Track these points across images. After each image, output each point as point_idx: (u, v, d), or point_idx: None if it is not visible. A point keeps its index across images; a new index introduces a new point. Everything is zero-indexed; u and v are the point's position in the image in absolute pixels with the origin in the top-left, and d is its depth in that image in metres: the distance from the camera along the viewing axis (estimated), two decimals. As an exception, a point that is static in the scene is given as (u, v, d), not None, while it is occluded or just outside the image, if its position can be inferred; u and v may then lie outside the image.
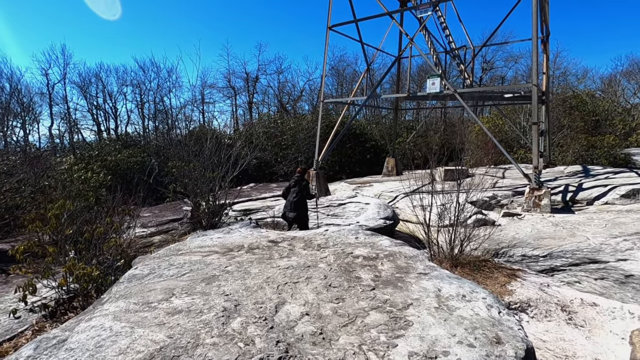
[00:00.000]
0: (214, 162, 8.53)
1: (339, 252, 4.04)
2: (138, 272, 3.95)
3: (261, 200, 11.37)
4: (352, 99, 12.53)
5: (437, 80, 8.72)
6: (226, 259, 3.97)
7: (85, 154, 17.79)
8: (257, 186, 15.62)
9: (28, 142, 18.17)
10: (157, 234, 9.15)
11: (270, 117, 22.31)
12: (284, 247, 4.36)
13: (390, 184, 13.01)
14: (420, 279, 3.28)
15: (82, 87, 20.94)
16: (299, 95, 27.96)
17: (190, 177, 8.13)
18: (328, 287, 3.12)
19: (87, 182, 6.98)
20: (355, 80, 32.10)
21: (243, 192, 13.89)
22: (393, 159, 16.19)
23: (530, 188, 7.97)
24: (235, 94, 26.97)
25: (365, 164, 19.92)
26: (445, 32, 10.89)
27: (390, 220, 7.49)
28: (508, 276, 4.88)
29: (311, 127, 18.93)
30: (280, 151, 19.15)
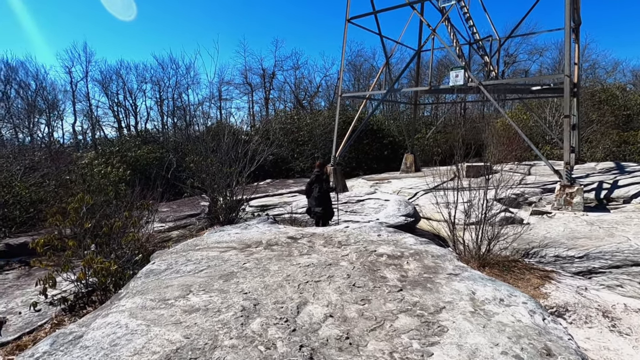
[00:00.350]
0: (231, 158, 8.46)
1: (361, 250, 3.84)
2: (155, 267, 3.87)
3: (278, 197, 11.27)
4: (370, 94, 12.23)
5: (461, 73, 8.35)
6: (244, 255, 3.84)
7: (107, 150, 18.18)
8: (273, 182, 15.55)
9: (52, 139, 18.70)
10: (175, 229, 9.18)
11: (287, 113, 22.20)
12: (303, 244, 4.20)
13: (409, 181, 12.68)
14: (451, 280, 3.05)
15: (104, 84, 21.41)
16: (315, 91, 27.78)
17: (208, 172, 8.08)
18: (352, 286, 2.93)
19: (106, 177, 7.01)
20: (372, 76, 31.63)
21: (260, 188, 13.85)
22: (412, 155, 15.81)
23: (561, 185, 7.53)
24: (252, 90, 27.03)
25: (382, 160, 19.57)
26: (468, 22, 10.43)
27: (411, 217, 7.23)
28: (541, 278, 4.57)
29: (328, 123, 18.71)
30: (297, 147, 19.02)
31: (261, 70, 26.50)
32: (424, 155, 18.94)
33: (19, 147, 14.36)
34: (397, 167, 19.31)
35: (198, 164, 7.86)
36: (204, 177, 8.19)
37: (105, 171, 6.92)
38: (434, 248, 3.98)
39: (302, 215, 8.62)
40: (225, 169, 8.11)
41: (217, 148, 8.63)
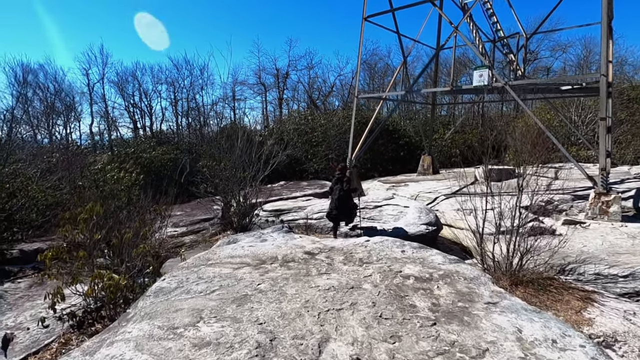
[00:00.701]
0: (245, 162, 8.25)
1: (385, 270, 3.53)
2: (165, 284, 3.66)
3: (292, 200, 11.03)
4: (387, 94, 11.84)
5: (486, 72, 7.89)
6: (258, 274, 3.58)
7: (122, 151, 18.32)
8: (287, 184, 15.34)
9: (71, 140, 18.96)
10: (188, 234, 9.04)
11: (301, 113, 21.95)
12: (321, 261, 3.91)
13: (427, 184, 12.24)
14: (490, 311, 2.70)
15: (120, 86, 21.62)
16: (329, 90, 27.43)
17: (221, 177, 7.88)
18: (378, 318, 2.62)
19: (119, 182, 6.88)
20: (387, 74, 31.08)
21: (274, 191, 13.66)
22: (429, 156, 15.32)
23: (595, 193, 7.01)
24: (266, 90, 26.89)
25: (398, 162, 19.10)
26: (492, 19, 9.92)
27: (432, 226, 6.85)
28: (582, 300, 4.16)
29: (342, 124, 18.36)
30: (311, 148, 18.74)
31: (275, 70, 26.34)
32: (441, 156, 18.39)
33: (37, 149, 14.56)
34: (414, 168, 18.81)
35: (211, 169, 7.67)
36: (217, 182, 8.00)
37: (118, 176, 6.79)
38: (465, 268, 3.63)
39: (318, 221, 8.34)
40: (239, 174, 7.90)
41: (230, 149, 8.45)
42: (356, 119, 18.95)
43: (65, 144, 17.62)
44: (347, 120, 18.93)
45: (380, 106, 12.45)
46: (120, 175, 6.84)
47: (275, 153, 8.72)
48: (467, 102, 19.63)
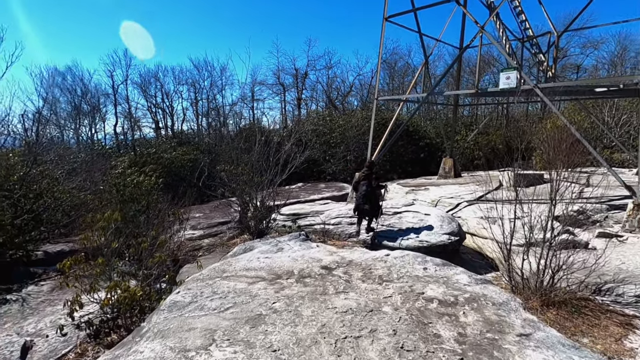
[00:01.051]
0: (262, 166, 8.18)
1: (406, 291, 3.33)
2: (180, 298, 3.60)
3: (310, 204, 10.91)
4: (407, 96, 11.52)
5: (513, 74, 7.49)
6: (274, 291, 3.46)
7: (144, 151, 18.73)
8: (305, 186, 15.25)
9: (93, 140, 19.53)
10: (206, 237, 9.08)
11: (319, 113, 21.82)
12: (339, 277, 3.75)
13: (449, 188, 11.85)
14: (524, 345, 2.47)
15: (142, 87, 22.10)
16: (348, 90, 27.17)
17: (238, 181, 7.84)
18: (399, 349, 2.44)
19: (139, 186, 6.95)
20: (407, 74, 30.50)
21: (291, 193, 13.60)
22: (451, 159, 14.87)
23: (634, 204, 6.53)
24: (284, 90, 26.89)
25: (418, 164, 18.68)
26: (520, 17, 9.43)
27: (455, 236, 6.56)
28: (622, 326, 3.83)
29: (361, 125, 18.12)
30: (329, 149, 18.58)
31: (294, 70, 26.30)
32: (463, 159, 17.84)
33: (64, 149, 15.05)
34: (434, 171, 18.34)
35: (229, 173, 7.65)
36: (234, 187, 7.97)
37: (138, 180, 6.85)
38: (493, 291, 3.39)
39: (335, 227, 8.19)
40: (256, 178, 7.84)
41: (248, 151, 8.43)
42: (375, 120, 18.69)
43: (90, 144, 18.15)
44: (366, 121, 18.65)
45: (401, 108, 12.12)
46: (140, 179, 6.89)
47: (293, 156, 8.61)
48: (490, 102, 18.96)
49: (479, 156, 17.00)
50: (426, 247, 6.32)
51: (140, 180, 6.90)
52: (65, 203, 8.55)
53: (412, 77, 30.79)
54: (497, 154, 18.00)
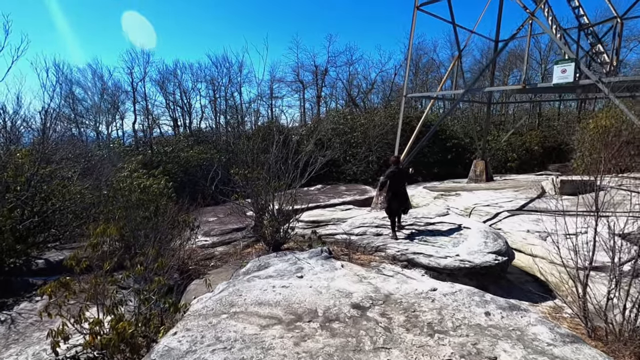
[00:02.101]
0: (280, 170, 7.45)
1: (470, 352, 2.48)
2: (175, 344, 2.88)
3: (330, 209, 10.12)
4: (439, 93, 10.52)
5: (570, 67, 6.44)
6: (293, 342, 2.69)
7: (161, 150, 18.43)
8: (324, 188, 14.47)
9: (110, 139, 19.38)
10: (219, 245, 8.46)
11: (339, 112, 20.96)
12: (375, 322, 2.94)
13: (483, 195, 10.79)
14: None
15: (161, 84, 21.85)
16: (370, 87, 26.15)
17: (254, 187, 7.14)
18: None
19: (146, 190, 6.35)
20: (432, 70, 29.18)
21: (310, 196, 12.85)
22: (482, 161, 13.74)
23: None
24: (304, 87, 26.15)
25: (444, 165, 17.58)
26: (573, 2, 8.27)
27: (502, 255, 5.62)
28: None
29: (384, 123, 17.16)
30: (350, 149, 17.72)
31: (313, 67, 25.51)
32: (494, 161, 16.61)
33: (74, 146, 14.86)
34: (462, 173, 17.19)
35: (242, 177, 6.96)
36: (249, 192, 7.27)
37: (145, 184, 6.26)
38: (590, 355, 2.49)
39: (360, 238, 7.37)
40: (273, 183, 7.11)
41: (265, 151, 7.73)
42: (399, 119, 17.68)
43: (106, 142, 17.99)
44: (390, 120, 17.68)
45: (431, 105, 11.12)
46: (147, 183, 6.29)
47: (314, 158, 7.84)
48: (524, 101, 17.55)
49: (513, 158, 15.74)
50: (468, 269, 5.43)
51: (147, 185, 6.30)
52: (76, 204, 8.12)
53: (437, 74, 29.43)
54: (533, 155, 16.69)
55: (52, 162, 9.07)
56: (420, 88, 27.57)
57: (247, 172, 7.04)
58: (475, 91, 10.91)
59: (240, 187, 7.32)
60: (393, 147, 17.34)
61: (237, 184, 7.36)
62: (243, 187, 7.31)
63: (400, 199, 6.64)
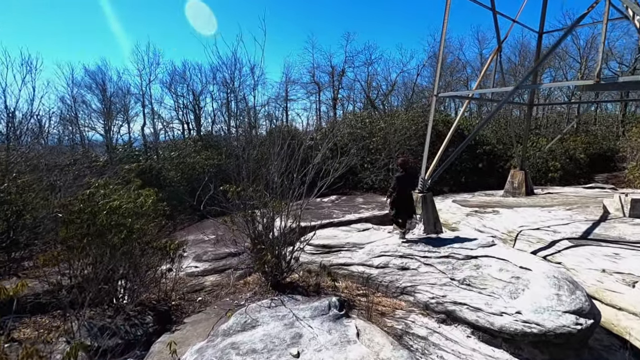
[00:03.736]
0: (284, 185, 6.06)
1: None
2: None
3: (344, 228, 8.64)
4: (478, 92, 8.89)
5: (667, 55, 4.79)
6: None
7: (167, 155, 17.44)
8: (339, 200, 12.99)
9: (111, 143, 18.56)
10: (211, 273, 7.13)
11: (357, 115, 19.46)
12: None
13: (528, 213, 9.05)
14: None
15: (170, 86, 20.99)
16: (389, 89, 24.51)
17: (250, 207, 5.77)
18: None
19: (117, 211, 5.08)
20: (457, 70, 27.29)
21: (322, 210, 11.42)
22: (521, 172, 11.94)
23: None
24: (319, 89, 24.79)
25: (474, 174, 15.77)
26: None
27: (586, 316, 3.97)
28: None
29: (407, 127, 15.55)
30: (368, 155, 16.19)
31: (330, 68, 24.11)
32: (532, 170, 14.68)
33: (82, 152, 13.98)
34: (494, 184, 15.32)
35: (234, 195, 5.60)
36: (244, 212, 5.90)
37: (111, 206, 4.98)
38: None
39: (381, 272, 5.90)
40: (273, 204, 5.72)
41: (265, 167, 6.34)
42: (424, 124, 16.01)
43: (109, 148, 17.14)
44: (413, 124, 16.04)
45: (466, 107, 9.48)
46: (114, 204, 5.01)
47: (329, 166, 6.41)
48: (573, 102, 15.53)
49: (555, 168, 13.79)
50: (537, 335, 3.86)
51: (116, 205, 5.02)
52: (47, 220, 7.00)
53: (462, 74, 27.49)
54: (577, 164, 14.68)
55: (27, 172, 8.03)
56: (443, 90, 25.71)
57: (241, 189, 5.67)
58: (529, 87, 9.20)
59: (235, 205, 5.96)
60: (417, 154, 15.67)
61: (231, 202, 5.99)
62: (237, 206, 5.95)
63: (406, 203, 6.44)
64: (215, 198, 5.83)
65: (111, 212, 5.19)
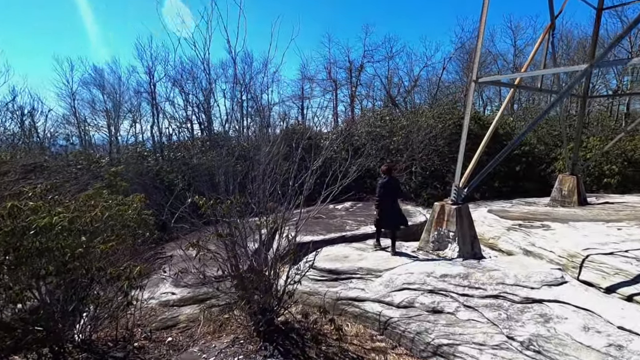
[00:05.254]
0: (277, 194, 4.67)
1: None
2: None
3: (358, 246, 7.11)
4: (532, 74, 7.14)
5: None
6: None
7: (171, 156, 16.46)
8: (354, 208, 11.44)
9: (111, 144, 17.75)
10: (188, 302, 5.78)
11: (376, 112, 17.83)
12: None
13: (590, 230, 7.22)
14: None
15: (180, 84, 20.04)
16: (412, 84, 22.69)
17: (230, 224, 4.37)
18: None
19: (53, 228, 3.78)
20: (486, 65, 25.08)
21: (334, 219, 9.90)
22: (572, 177, 10.04)
23: None
24: (336, 87, 23.29)
25: (509, 179, 13.84)
26: None
27: None
28: None
29: (432, 126, 13.82)
30: (388, 156, 14.54)
31: (347, 63, 22.58)
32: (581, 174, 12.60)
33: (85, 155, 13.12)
34: (534, 189, 13.34)
35: (208, 209, 4.22)
36: (226, 233, 4.49)
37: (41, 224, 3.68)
38: None
39: (404, 314, 4.36)
40: (263, 222, 4.30)
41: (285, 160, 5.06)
42: (452, 121, 14.21)
43: (110, 148, 16.30)
44: (440, 121, 14.26)
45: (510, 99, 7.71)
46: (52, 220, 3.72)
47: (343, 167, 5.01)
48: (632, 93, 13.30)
49: (612, 172, 11.68)
50: None
51: (48, 223, 3.72)
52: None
53: (493, 68, 25.25)
54: (637, 168, 12.50)
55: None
56: (466, 87, 23.63)
57: (217, 201, 4.27)
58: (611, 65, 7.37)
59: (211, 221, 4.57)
60: (443, 156, 13.93)
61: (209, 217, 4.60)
62: (215, 222, 4.56)
63: (392, 213, 6.19)
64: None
65: (40, 232, 3.89)
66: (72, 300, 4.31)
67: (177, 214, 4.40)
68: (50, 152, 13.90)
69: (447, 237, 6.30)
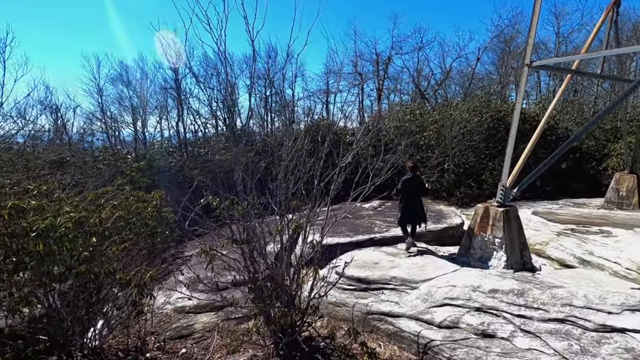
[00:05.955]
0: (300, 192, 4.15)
1: None
2: None
3: (389, 250, 6.46)
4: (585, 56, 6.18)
5: None
6: None
7: (195, 152, 16.36)
8: (383, 207, 10.72)
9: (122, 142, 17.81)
10: (204, 310, 5.37)
11: (405, 106, 16.93)
12: None
13: (661, 238, 6.22)
14: None
15: (204, 80, 19.93)
16: (444, 77, 21.50)
17: (247, 228, 3.88)
18: None
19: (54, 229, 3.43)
20: (521, 57, 23.40)
21: (361, 219, 9.25)
22: (632, 175, 8.91)
23: None
24: (362, 81, 22.46)
25: (554, 178, 12.61)
26: None
27: None
28: None
29: (467, 120, 12.82)
30: (418, 153, 13.67)
31: (374, 56, 21.68)
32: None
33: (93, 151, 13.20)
34: (583, 189, 12.12)
35: (221, 210, 3.74)
36: (243, 238, 4.00)
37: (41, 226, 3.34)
38: None
39: (448, 336, 3.71)
40: (280, 227, 3.77)
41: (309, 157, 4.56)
42: (489, 114, 13.17)
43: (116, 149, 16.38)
44: (475, 115, 13.24)
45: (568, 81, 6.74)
46: (44, 223, 3.37)
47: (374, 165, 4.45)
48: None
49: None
50: None
51: (50, 225, 3.37)
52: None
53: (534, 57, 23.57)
54: None
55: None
56: (503, 79, 22.11)
57: (233, 202, 3.78)
58: None
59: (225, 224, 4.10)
60: (479, 152, 12.94)
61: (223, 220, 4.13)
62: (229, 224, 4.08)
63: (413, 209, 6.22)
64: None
65: (45, 233, 3.55)
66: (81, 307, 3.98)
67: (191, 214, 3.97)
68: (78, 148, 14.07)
69: (493, 244, 5.54)
